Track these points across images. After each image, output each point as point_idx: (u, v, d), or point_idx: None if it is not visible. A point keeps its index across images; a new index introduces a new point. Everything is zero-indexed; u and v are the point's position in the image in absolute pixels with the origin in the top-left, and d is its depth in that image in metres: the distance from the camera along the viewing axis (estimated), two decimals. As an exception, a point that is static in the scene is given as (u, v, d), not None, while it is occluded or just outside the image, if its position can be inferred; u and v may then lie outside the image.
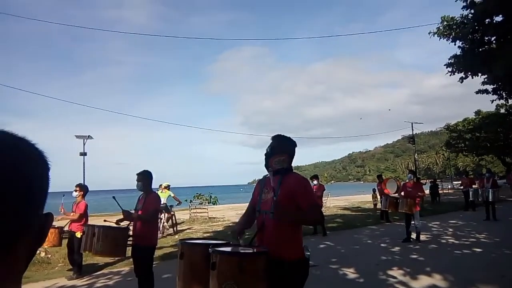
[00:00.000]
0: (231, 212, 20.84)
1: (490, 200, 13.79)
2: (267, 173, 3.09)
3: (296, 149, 3.12)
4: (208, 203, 19.52)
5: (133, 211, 5.18)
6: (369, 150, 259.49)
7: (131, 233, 5.13)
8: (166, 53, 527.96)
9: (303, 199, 2.81)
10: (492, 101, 18.30)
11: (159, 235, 12.37)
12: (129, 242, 5.04)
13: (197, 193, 20.04)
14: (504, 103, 27.13)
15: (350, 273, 6.70)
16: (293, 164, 3.10)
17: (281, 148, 3.03)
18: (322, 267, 6.97)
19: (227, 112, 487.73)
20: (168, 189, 13.28)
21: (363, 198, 30.35)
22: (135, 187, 5.18)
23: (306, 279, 2.81)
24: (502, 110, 36.00)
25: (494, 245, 8.89)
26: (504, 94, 15.53)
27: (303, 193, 2.84)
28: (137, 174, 5.18)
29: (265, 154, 3.06)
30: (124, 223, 5.31)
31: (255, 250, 2.63)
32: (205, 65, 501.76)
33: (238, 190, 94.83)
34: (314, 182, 11.69)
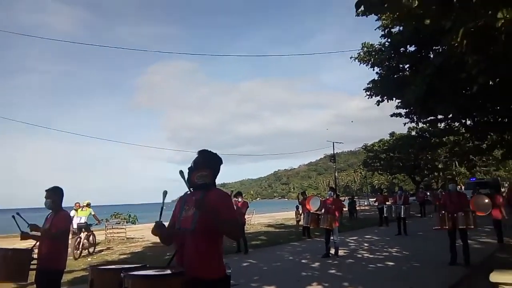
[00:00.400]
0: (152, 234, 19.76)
1: (402, 216, 14.75)
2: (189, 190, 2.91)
3: (223, 166, 3.02)
4: (127, 222, 18.53)
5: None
6: (294, 168, 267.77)
7: (35, 255, 4.53)
8: (91, 63, 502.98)
9: (224, 214, 2.67)
10: (405, 124, 19.88)
11: (77, 252, 11.82)
12: (33, 266, 4.43)
13: (114, 212, 19.00)
14: (415, 126, 29.67)
15: (271, 290, 6.62)
16: (220, 181, 2.98)
17: (205, 164, 2.89)
18: (243, 286, 6.81)
19: (154, 127, 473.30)
20: (89, 207, 12.97)
21: (287, 215, 30.97)
22: (44, 205, 4.67)
23: None
24: (413, 133, 39.30)
25: (405, 258, 9.42)
26: (414, 118, 16.84)
27: (224, 209, 2.71)
28: (46, 191, 4.67)
29: (189, 169, 2.90)
30: (28, 243, 4.68)
31: (171, 272, 2.41)
32: (132, 77, 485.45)
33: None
34: (238, 199, 11.60)
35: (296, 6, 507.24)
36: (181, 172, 2.81)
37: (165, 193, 2.95)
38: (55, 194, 4.69)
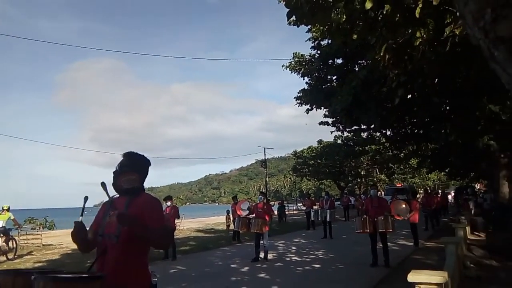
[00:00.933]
0: (70, 239, 18.36)
1: (327, 220, 15.39)
2: (116, 194, 2.76)
3: (151, 169, 2.87)
4: (43, 228, 17.20)
5: None
6: (225, 173, 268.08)
7: None
8: (7, 55, 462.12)
9: (152, 220, 2.56)
10: (332, 132, 20.82)
11: None
12: None
13: (29, 217, 17.58)
14: (341, 134, 31.20)
15: (200, 296, 6.53)
16: (148, 184, 2.85)
17: (132, 167, 2.73)
18: (171, 293, 6.64)
19: (75, 127, 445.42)
20: (8, 211, 12.44)
21: (218, 219, 30.83)
22: None
23: None
24: (339, 141, 41.35)
25: (330, 260, 9.84)
26: (340, 127, 17.72)
27: (152, 214, 2.59)
28: None
29: (114, 172, 2.72)
30: None
31: (86, 275, 2.23)
32: (53, 73, 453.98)
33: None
34: (167, 203, 11.31)
35: (230, 13, 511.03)
36: (103, 184, 2.66)
37: (86, 198, 2.76)
38: None
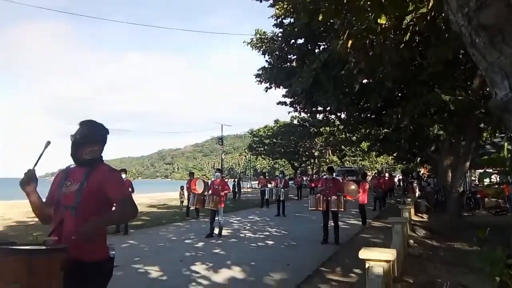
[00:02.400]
0: (15, 211, 17.28)
1: (281, 198, 15.72)
2: (72, 164, 2.64)
3: None
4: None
5: None
6: (179, 148, 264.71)
7: None
8: None
9: (115, 191, 2.49)
10: (289, 113, 21.04)
11: None
12: None
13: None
14: (298, 115, 31.64)
15: (154, 271, 6.49)
16: None
17: (93, 137, 2.62)
18: (123, 267, 6.52)
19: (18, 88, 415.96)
20: None
21: (171, 195, 30.55)
22: None
23: (109, 281, 2.49)
24: (295, 121, 41.94)
25: (283, 237, 10.10)
26: (298, 108, 17.92)
27: (114, 185, 2.52)
28: None
29: (73, 143, 2.58)
30: None
31: (49, 248, 2.14)
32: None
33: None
34: (122, 175, 11.02)
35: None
36: (48, 143, 2.55)
37: (48, 143, 2.58)
38: None
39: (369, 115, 16.25)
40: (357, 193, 11.08)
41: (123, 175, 11.03)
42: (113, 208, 2.58)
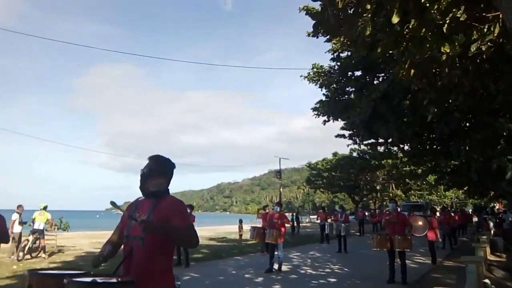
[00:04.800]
0: (85, 241, 18.38)
1: (342, 234, 15.19)
2: (141, 196, 2.80)
3: None
4: (58, 229, 17.35)
5: None
6: (237, 182, 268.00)
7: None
8: (26, 56, 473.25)
9: (180, 220, 2.58)
10: (348, 145, 20.63)
11: (19, 255, 11.40)
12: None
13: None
14: (357, 148, 30.90)
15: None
16: None
17: (160, 170, 2.77)
18: (186, 300, 6.61)
19: (90, 131, 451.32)
20: (46, 211, 12.34)
21: (229, 228, 30.72)
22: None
23: None
24: (355, 154, 40.91)
25: (346, 275, 9.69)
26: (357, 140, 17.56)
27: (179, 215, 2.61)
28: None
29: (142, 175, 2.75)
30: None
31: (119, 280, 2.25)
32: (71, 76, 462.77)
33: (94, 216, 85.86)
34: (188, 211, 11.33)
35: (246, 22, 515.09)
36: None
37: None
38: None
39: (434, 146, 15.53)
40: (425, 229, 10.44)
41: (188, 210, 11.38)
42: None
